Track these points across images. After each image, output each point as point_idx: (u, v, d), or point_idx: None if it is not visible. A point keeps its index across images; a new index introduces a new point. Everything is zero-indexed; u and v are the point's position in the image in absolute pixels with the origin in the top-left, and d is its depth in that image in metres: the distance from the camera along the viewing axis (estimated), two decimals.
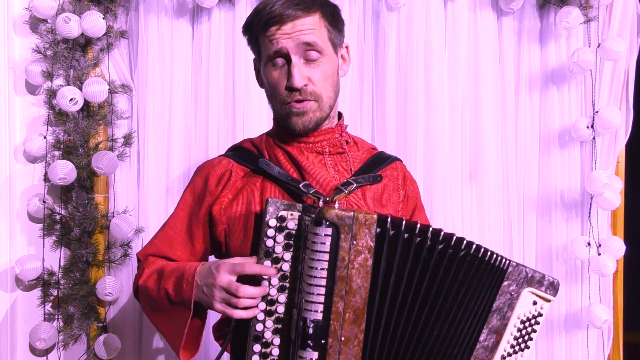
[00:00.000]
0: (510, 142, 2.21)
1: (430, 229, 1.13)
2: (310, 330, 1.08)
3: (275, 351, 1.13)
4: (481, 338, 1.19)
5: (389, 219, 1.10)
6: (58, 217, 2.01)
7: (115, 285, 1.98)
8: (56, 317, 2.03)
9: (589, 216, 2.19)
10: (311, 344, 1.08)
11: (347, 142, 1.32)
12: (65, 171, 1.95)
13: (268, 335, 1.13)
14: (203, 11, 2.09)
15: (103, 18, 1.96)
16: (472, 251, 1.15)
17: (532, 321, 1.23)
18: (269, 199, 1.12)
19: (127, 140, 2.06)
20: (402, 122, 2.14)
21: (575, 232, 2.22)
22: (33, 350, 2.05)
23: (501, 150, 2.20)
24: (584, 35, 2.18)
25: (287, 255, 1.12)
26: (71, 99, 1.94)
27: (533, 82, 2.21)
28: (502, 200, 2.21)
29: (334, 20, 1.26)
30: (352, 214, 1.08)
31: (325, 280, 1.08)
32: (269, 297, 1.12)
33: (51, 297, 2.03)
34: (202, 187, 1.29)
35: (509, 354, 1.22)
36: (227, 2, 2.08)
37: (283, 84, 1.21)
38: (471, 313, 1.17)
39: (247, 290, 1.09)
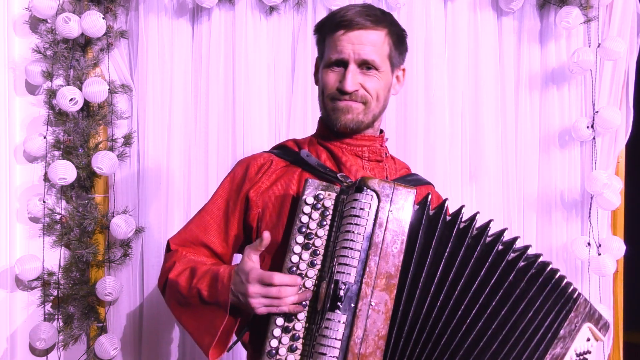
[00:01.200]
0: (510, 142, 2.21)
1: (477, 217, 1.14)
2: (342, 293, 1.08)
3: (298, 325, 1.12)
4: None
5: (429, 196, 1.13)
6: (58, 217, 2.01)
7: (115, 285, 1.98)
8: (56, 317, 2.03)
9: (589, 216, 2.19)
10: (341, 307, 1.08)
11: (385, 154, 1.38)
12: (65, 171, 1.95)
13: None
14: (203, 11, 2.09)
15: (103, 18, 1.96)
16: (530, 259, 1.13)
17: (582, 357, 1.20)
18: (308, 179, 1.16)
19: (127, 140, 2.06)
20: (402, 122, 2.14)
21: (575, 232, 2.22)
22: (33, 350, 2.05)
23: (501, 150, 2.20)
24: (584, 35, 2.18)
25: (321, 232, 1.14)
26: (71, 99, 1.94)
27: (533, 82, 2.21)
28: (502, 200, 2.20)
29: (398, 41, 1.32)
30: (393, 184, 1.11)
31: (360, 245, 1.09)
32: (298, 271, 1.13)
33: (51, 297, 2.03)
34: (242, 175, 1.33)
35: None
36: (227, 2, 2.08)
37: (336, 85, 1.27)
38: (531, 325, 1.13)
39: (286, 290, 1.11)
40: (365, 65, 1.26)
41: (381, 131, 1.40)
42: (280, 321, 1.11)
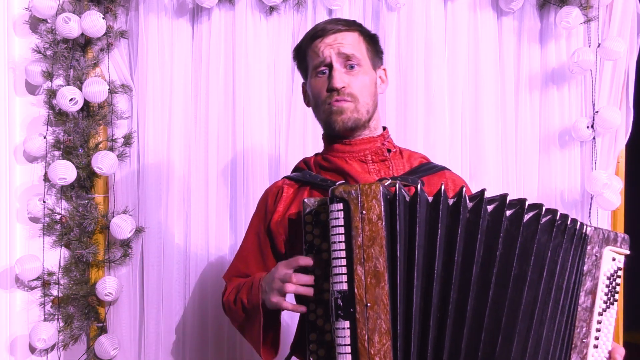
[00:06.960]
0: (510, 142, 2.21)
1: (464, 189, 1.14)
2: (340, 301, 1.13)
3: (329, 336, 1.17)
4: (580, 301, 1.22)
5: (398, 183, 1.15)
6: (58, 217, 2.01)
7: (115, 285, 1.98)
8: (56, 317, 2.03)
9: (589, 216, 2.19)
10: (342, 314, 1.13)
11: (389, 150, 1.39)
12: (65, 171, 1.95)
13: (320, 322, 1.18)
14: (203, 11, 2.09)
15: (103, 18, 1.96)
16: (534, 211, 1.15)
17: (615, 276, 1.29)
18: (304, 200, 1.21)
19: (127, 140, 2.06)
20: (402, 122, 2.14)
21: None
22: (33, 350, 2.05)
23: (501, 150, 2.20)
24: (584, 35, 2.18)
25: (325, 245, 1.18)
26: (71, 99, 1.94)
27: (533, 82, 2.21)
28: None
29: (372, 42, 1.40)
30: (357, 186, 1.14)
31: (344, 251, 1.14)
32: (318, 287, 1.18)
33: (51, 297, 2.03)
34: (263, 209, 1.42)
35: (604, 310, 1.26)
36: (227, 2, 2.08)
37: (325, 88, 1.33)
38: (561, 277, 1.18)
39: (300, 278, 1.18)
40: (349, 64, 1.32)
41: (384, 128, 1.43)
42: (313, 336, 1.18)
